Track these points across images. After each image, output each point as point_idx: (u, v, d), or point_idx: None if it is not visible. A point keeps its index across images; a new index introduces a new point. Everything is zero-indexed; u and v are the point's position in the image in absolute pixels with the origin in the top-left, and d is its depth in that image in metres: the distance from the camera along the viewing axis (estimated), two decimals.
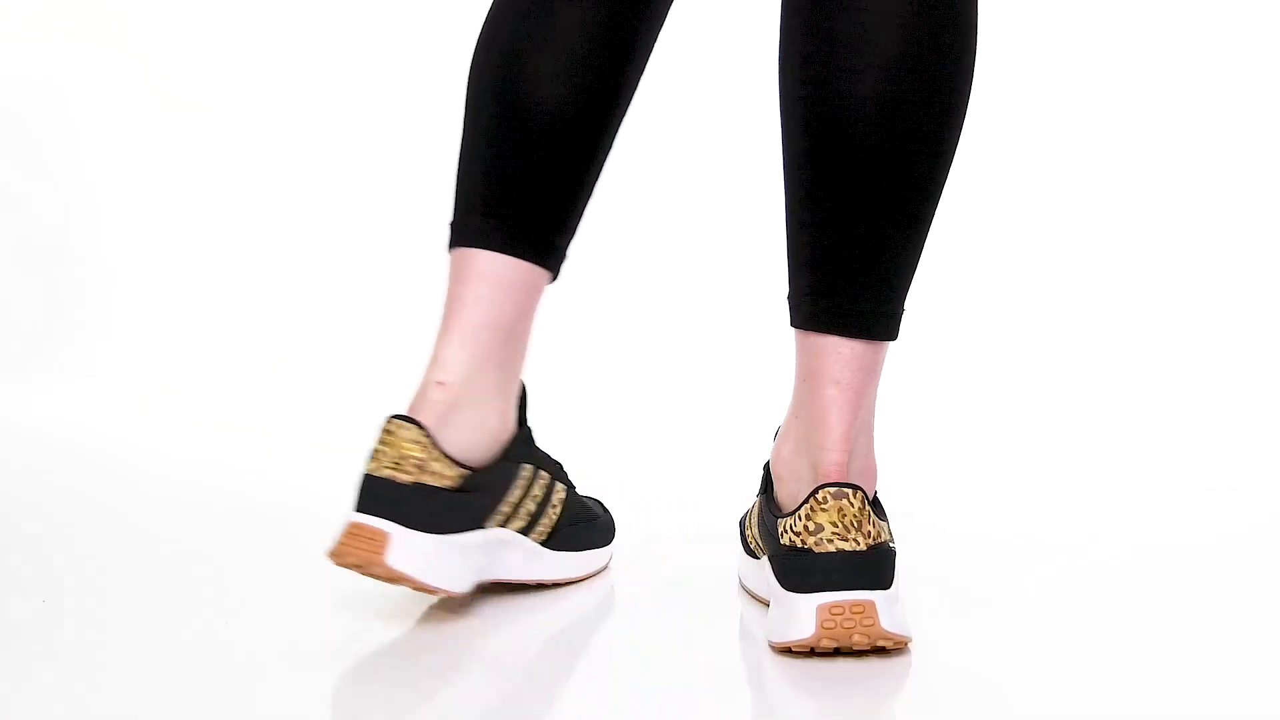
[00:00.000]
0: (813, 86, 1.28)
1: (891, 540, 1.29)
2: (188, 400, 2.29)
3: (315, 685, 1.27)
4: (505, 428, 1.39)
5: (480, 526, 1.35)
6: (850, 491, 1.25)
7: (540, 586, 1.45)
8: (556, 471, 1.46)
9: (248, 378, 2.30)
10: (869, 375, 1.30)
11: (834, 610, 1.23)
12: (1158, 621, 1.39)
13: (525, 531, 1.41)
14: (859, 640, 1.24)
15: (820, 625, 1.23)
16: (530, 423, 1.44)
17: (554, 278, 1.41)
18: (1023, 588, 1.49)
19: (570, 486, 1.48)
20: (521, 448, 1.41)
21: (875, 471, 1.34)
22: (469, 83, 1.41)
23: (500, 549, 1.38)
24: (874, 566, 1.25)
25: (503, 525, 1.38)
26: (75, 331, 2.41)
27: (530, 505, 1.41)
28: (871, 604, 1.24)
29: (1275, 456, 1.95)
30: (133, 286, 2.45)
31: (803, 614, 1.24)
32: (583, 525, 1.47)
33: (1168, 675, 1.26)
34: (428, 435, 1.31)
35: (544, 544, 1.43)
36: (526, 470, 1.40)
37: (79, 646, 1.32)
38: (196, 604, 1.43)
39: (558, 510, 1.44)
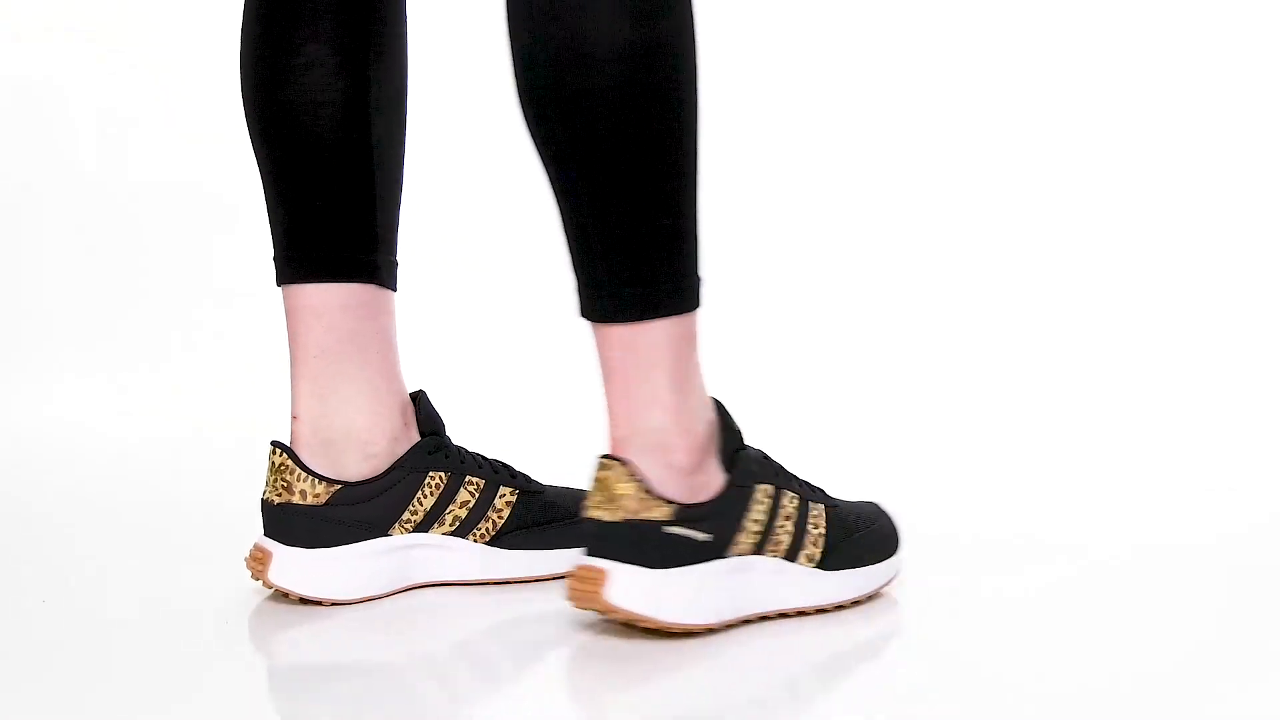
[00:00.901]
0: (525, 95, 1.29)
1: (688, 530, 1.28)
2: (188, 400, 2.28)
3: (317, 687, 1.27)
4: (384, 441, 1.44)
5: (384, 534, 1.43)
6: (610, 463, 1.28)
7: (519, 584, 1.48)
8: (497, 476, 1.48)
9: (249, 378, 2.30)
10: (631, 354, 1.30)
11: (580, 571, 1.28)
12: (1158, 621, 1.39)
13: (460, 534, 1.46)
14: (592, 605, 1.27)
15: (569, 584, 1.29)
16: (525, 424, 1.45)
17: (386, 286, 1.46)
18: (1022, 588, 1.49)
19: (535, 490, 1.49)
20: (426, 456, 1.45)
21: (681, 448, 1.31)
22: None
23: (425, 553, 1.45)
24: (620, 538, 1.27)
25: (420, 530, 1.45)
26: (75, 331, 2.41)
27: (459, 511, 1.46)
28: (603, 572, 1.27)
29: (1275, 456, 1.95)
30: (133, 286, 2.45)
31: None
32: (552, 526, 1.49)
33: (1167, 675, 1.26)
34: (291, 457, 1.41)
35: (491, 544, 1.47)
36: (436, 477, 1.45)
37: (79, 646, 1.32)
38: (197, 605, 1.44)
39: (504, 513, 1.47)
